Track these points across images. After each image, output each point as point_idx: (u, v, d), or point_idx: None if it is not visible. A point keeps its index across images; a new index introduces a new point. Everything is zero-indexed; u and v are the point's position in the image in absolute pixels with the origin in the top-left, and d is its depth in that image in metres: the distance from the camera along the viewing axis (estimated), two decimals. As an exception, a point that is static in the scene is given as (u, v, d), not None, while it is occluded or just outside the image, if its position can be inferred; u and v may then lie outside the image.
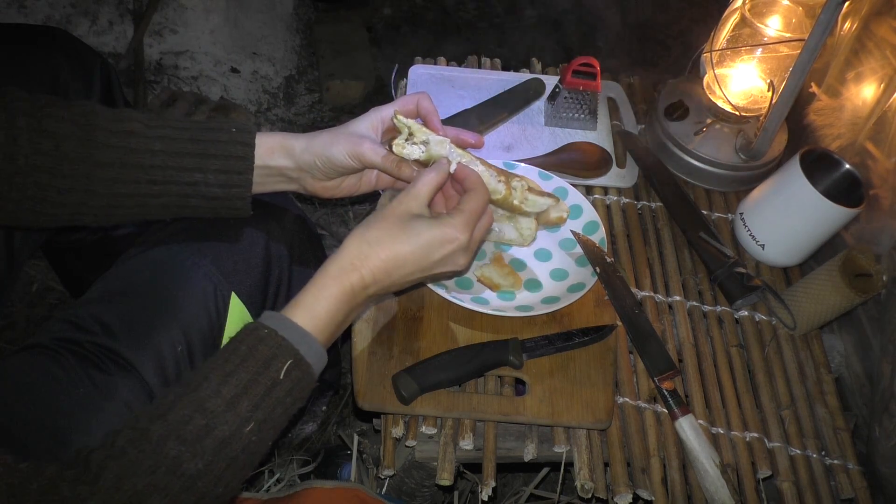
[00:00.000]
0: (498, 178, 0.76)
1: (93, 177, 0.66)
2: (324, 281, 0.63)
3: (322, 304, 0.62)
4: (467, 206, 0.68)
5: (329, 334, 0.63)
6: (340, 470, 1.05)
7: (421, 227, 0.65)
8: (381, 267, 0.64)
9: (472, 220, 0.67)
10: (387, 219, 0.65)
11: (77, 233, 0.94)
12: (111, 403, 0.64)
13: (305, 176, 0.73)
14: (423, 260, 0.65)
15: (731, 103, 1.00)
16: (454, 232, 0.66)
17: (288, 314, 0.61)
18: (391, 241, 0.64)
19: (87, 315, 0.68)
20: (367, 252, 0.63)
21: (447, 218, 0.66)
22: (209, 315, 0.71)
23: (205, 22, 1.72)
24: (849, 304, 0.87)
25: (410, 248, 0.64)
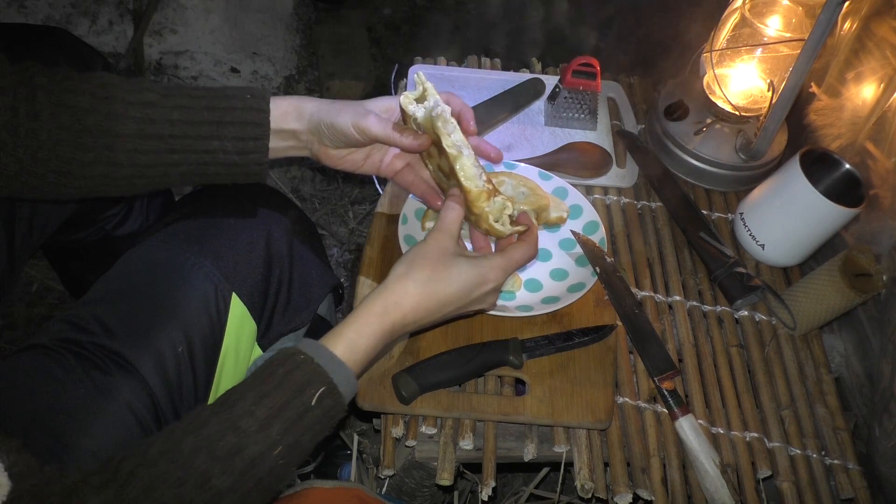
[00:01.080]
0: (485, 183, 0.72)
1: (114, 148, 0.67)
2: (368, 318, 0.64)
3: (363, 340, 0.63)
4: (514, 255, 0.71)
5: (364, 366, 0.65)
6: (340, 470, 1.06)
7: (462, 268, 0.68)
8: (425, 307, 0.66)
9: (511, 267, 0.71)
10: (428, 258, 0.67)
11: (77, 232, 0.94)
12: (112, 404, 0.64)
13: (313, 140, 0.73)
14: (462, 300, 0.68)
15: (731, 103, 1.00)
16: (493, 275, 0.69)
17: (328, 344, 0.62)
18: (435, 282, 0.66)
19: (88, 315, 0.67)
20: (413, 292, 0.65)
21: (487, 260, 0.69)
22: (210, 315, 0.71)
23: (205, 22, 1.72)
24: (849, 304, 0.87)
25: (454, 290, 0.67)
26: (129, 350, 0.66)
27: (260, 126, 0.70)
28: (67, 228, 0.90)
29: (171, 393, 0.67)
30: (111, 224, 0.95)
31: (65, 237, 0.93)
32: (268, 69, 1.75)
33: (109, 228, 0.96)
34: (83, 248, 0.97)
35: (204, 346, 0.70)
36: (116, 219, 0.95)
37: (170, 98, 0.69)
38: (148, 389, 0.65)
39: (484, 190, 0.72)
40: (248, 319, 0.75)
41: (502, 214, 0.73)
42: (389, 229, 0.91)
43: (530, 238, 0.74)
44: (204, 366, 0.71)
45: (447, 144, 0.70)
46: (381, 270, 0.87)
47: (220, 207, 0.78)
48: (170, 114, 0.68)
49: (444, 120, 0.69)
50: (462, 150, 0.70)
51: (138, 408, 0.64)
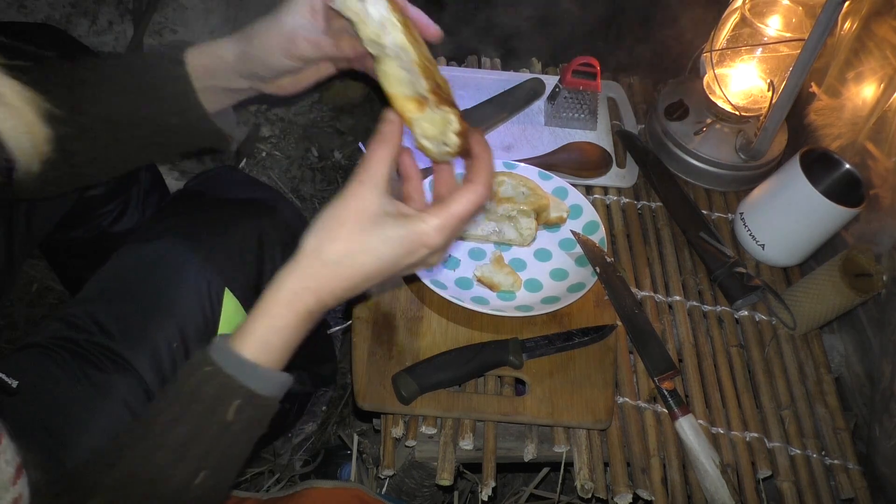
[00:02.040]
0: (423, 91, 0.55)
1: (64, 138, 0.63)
2: (276, 309, 0.54)
3: (276, 336, 0.54)
4: (455, 207, 0.54)
5: (287, 356, 0.56)
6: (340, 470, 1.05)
7: (388, 233, 0.53)
8: (343, 286, 0.54)
9: (455, 225, 0.55)
10: (344, 225, 0.53)
11: (74, 230, 0.94)
12: (109, 402, 0.64)
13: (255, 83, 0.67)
14: (390, 269, 0.55)
15: (731, 103, 1.00)
16: (429, 239, 0.54)
17: (238, 346, 0.53)
18: (352, 257, 0.53)
19: (83, 314, 0.68)
20: (324, 272, 0.53)
21: (421, 222, 0.53)
22: (203, 311, 0.71)
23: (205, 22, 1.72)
24: (849, 304, 0.87)
25: (375, 263, 0.54)
26: (124, 347, 0.66)
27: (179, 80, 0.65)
28: (64, 226, 0.90)
29: None
30: (108, 221, 0.95)
31: (62, 235, 0.93)
32: (268, 69, 1.75)
33: (106, 225, 0.96)
34: (80, 246, 0.97)
35: (198, 341, 0.70)
36: (112, 215, 0.96)
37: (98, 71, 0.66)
38: (144, 386, 0.65)
39: (413, 98, 0.55)
40: (242, 314, 0.75)
41: (445, 132, 0.56)
42: (389, 229, 0.91)
43: (477, 176, 0.55)
44: None
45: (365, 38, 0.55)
46: (381, 270, 0.87)
47: (211, 203, 0.78)
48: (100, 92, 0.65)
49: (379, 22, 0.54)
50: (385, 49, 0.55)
51: (135, 404, 0.65)
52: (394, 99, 0.55)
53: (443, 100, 0.56)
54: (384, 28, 0.54)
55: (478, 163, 0.56)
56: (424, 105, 0.55)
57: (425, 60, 0.57)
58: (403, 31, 0.55)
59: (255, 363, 0.53)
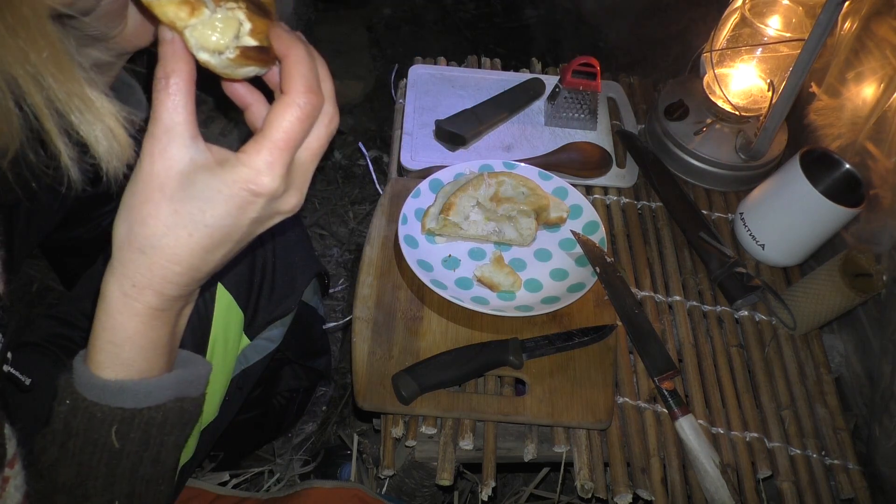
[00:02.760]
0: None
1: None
2: (112, 320, 0.46)
3: (126, 346, 0.46)
4: (275, 128, 0.43)
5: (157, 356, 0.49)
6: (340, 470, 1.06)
7: (203, 194, 0.43)
8: (179, 270, 0.45)
9: (285, 150, 0.43)
10: (149, 199, 0.43)
11: (74, 230, 0.94)
12: None
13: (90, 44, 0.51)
14: (230, 235, 0.45)
15: (731, 103, 1.00)
16: (261, 182, 0.43)
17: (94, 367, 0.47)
18: (173, 236, 0.44)
19: (76, 311, 0.68)
20: (147, 262, 0.45)
21: (241, 164, 0.43)
22: (196, 307, 0.71)
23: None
24: (849, 304, 0.87)
25: (206, 233, 0.44)
26: None
27: None
28: (64, 226, 0.90)
29: None
30: (107, 220, 0.96)
31: (62, 235, 0.93)
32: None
33: (105, 225, 0.96)
34: (80, 246, 0.97)
35: (192, 336, 0.70)
36: (112, 215, 0.96)
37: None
38: None
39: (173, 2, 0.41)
40: (235, 308, 0.75)
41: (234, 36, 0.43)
42: (389, 229, 0.91)
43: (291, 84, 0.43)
44: None
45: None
46: (381, 270, 0.87)
47: None
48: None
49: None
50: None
51: None
52: (152, 6, 0.41)
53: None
54: None
55: (287, 65, 0.43)
56: (199, 6, 0.41)
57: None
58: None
59: (116, 381, 0.46)
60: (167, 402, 0.48)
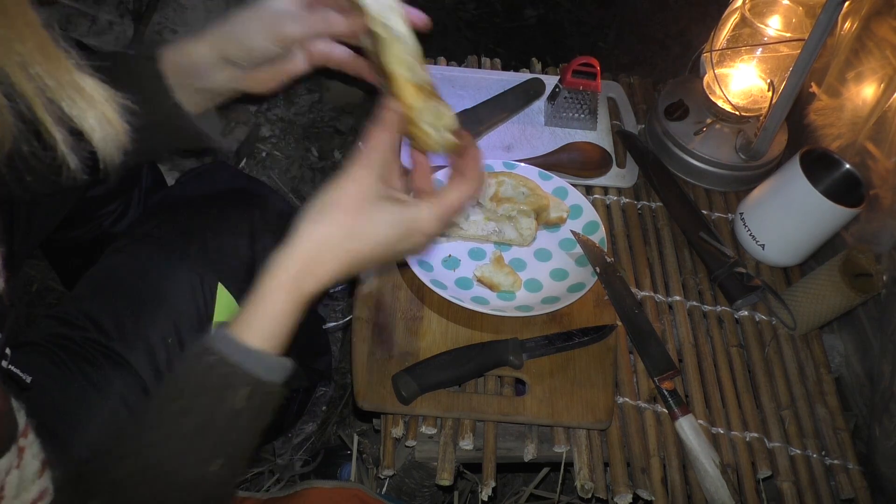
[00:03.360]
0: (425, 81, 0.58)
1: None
2: (275, 295, 0.53)
3: (277, 321, 0.53)
4: (450, 197, 0.58)
5: (287, 340, 0.56)
6: (340, 470, 1.05)
7: (386, 217, 0.54)
8: (339, 270, 0.55)
9: (449, 214, 0.58)
10: (342, 208, 0.54)
11: (75, 230, 0.94)
12: (106, 398, 0.64)
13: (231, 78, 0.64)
14: (385, 251, 0.56)
15: (731, 103, 1.00)
16: (425, 225, 0.56)
17: (240, 334, 0.53)
18: (350, 240, 0.54)
19: (77, 311, 0.68)
20: (322, 256, 0.53)
21: (418, 209, 0.56)
22: (197, 306, 0.71)
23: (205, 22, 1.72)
24: (849, 304, 0.87)
25: (373, 246, 0.55)
26: (119, 344, 0.66)
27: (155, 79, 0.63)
28: (65, 226, 0.90)
29: None
30: (108, 221, 0.95)
31: (62, 235, 0.93)
32: (268, 69, 1.75)
33: (107, 225, 0.96)
34: (81, 246, 0.97)
35: (193, 335, 0.70)
36: (114, 216, 0.96)
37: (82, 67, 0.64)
38: (141, 382, 0.65)
39: (415, 84, 0.56)
40: (236, 307, 0.75)
41: (440, 126, 0.59)
42: (389, 229, 0.91)
43: (469, 171, 0.59)
44: None
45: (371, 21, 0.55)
46: (381, 270, 0.87)
47: (202, 197, 0.79)
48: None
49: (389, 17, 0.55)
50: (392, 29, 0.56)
51: (132, 400, 0.65)
52: (397, 81, 0.56)
53: (436, 96, 0.59)
54: (390, 15, 0.56)
55: (469, 159, 0.60)
56: (424, 95, 0.57)
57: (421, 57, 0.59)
58: (405, 23, 0.57)
59: (259, 350, 0.52)
60: (281, 381, 0.54)
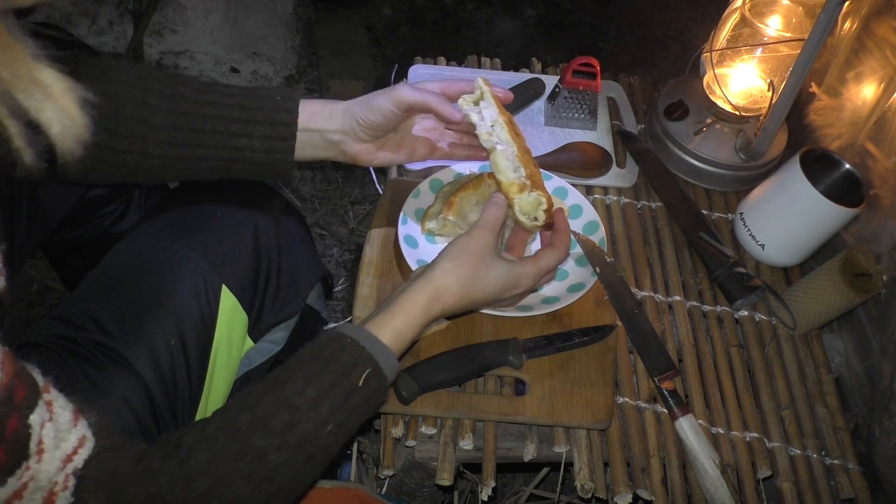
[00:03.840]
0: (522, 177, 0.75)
1: (148, 139, 0.68)
2: (415, 310, 0.67)
3: (409, 330, 0.66)
4: (546, 260, 0.75)
5: (403, 352, 0.68)
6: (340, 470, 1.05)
7: (500, 271, 0.71)
8: (461, 304, 0.70)
9: (543, 274, 0.75)
10: (473, 256, 0.70)
11: (75, 230, 0.94)
12: (108, 399, 0.63)
13: (346, 139, 0.75)
14: (493, 298, 0.73)
15: (731, 103, 1.00)
16: (525, 280, 0.73)
17: (375, 331, 0.64)
18: (475, 282, 0.70)
19: (79, 312, 0.67)
20: (455, 290, 0.69)
21: (522, 266, 0.73)
22: (200, 308, 0.71)
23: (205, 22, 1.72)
24: (849, 304, 0.87)
25: (489, 291, 0.71)
26: (122, 345, 0.66)
27: (288, 127, 0.72)
28: (66, 226, 0.90)
29: (165, 386, 0.67)
30: (109, 221, 0.95)
31: (63, 235, 0.93)
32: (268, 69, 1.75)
33: (107, 225, 0.96)
34: (81, 246, 0.97)
35: (196, 338, 0.70)
36: (114, 216, 0.96)
37: (203, 94, 0.70)
38: (143, 383, 0.65)
39: (516, 182, 0.75)
40: (239, 311, 0.75)
41: (537, 210, 0.75)
42: (389, 229, 0.91)
43: (559, 243, 0.77)
44: (197, 358, 0.71)
45: (483, 142, 0.75)
46: (381, 270, 0.87)
47: (207, 200, 0.79)
48: (202, 109, 0.70)
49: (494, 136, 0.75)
50: (496, 146, 0.75)
51: (134, 402, 0.64)
52: (502, 183, 0.75)
53: (536, 183, 0.76)
54: (494, 127, 0.75)
55: (560, 233, 0.78)
56: (524, 189, 0.74)
57: (523, 152, 0.76)
58: (508, 129, 0.75)
59: (385, 345, 0.64)
60: (391, 377, 0.64)
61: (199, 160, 0.71)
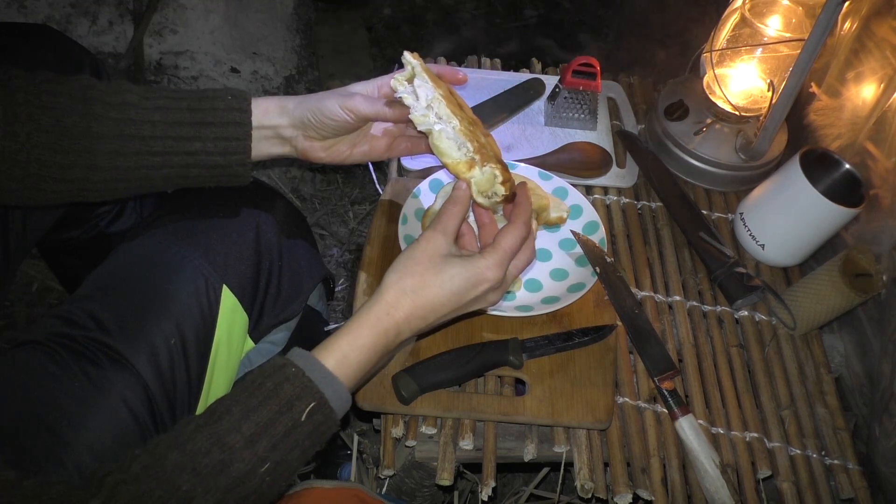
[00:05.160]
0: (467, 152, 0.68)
1: (94, 151, 0.67)
2: (360, 330, 0.63)
3: (356, 353, 0.62)
4: (503, 242, 0.67)
5: (359, 379, 0.63)
6: (340, 470, 1.05)
7: (454, 270, 0.65)
8: (417, 314, 0.65)
9: (506, 258, 0.67)
10: (420, 263, 0.65)
11: (71, 231, 0.94)
12: (106, 398, 0.63)
13: (298, 134, 0.73)
14: (456, 303, 0.66)
15: (731, 103, 1.00)
16: (487, 273, 0.66)
17: (319, 356, 0.60)
18: (426, 288, 0.64)
19: (80, 311, 0.67)
20: (404, 302, 0.64)
21: (480, 259, 0.66)
22: (201, 308, 0.71)
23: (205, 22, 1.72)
24: (849, 304, 0.87)
25: (445, 295, 0.65)
26: (122, 343, 0.66)
27: (241, 126, 0.70)
28: (61, 227, 0.90)
29: (164, 385, 0.67)
30: (105, 221, 0.95)
31: (59, 236, 0.93)
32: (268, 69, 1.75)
33: (104, 226, 0.96)
34: (78, 247, 0.97)
35: (196, 338, 0.70)
36: (110, 216, 0.96)
37: (150, 99, 0.69)
38: (142, 382, 0.65)
39: (462, 161, 0.68)
40: (240, 311, 0.75)
41: (493, 184, 0.69)
42: (389, 229, 0.91)
43: (517, 218, 0.69)
44: (197, 358, 0.71)
45: (417, 126, 0.68)
46: (381, 270, 0.87)
47: (209, 200, 0.79)
48: (150, 115, 0.68)
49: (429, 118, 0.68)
50: (433, 127, 0.68)
51: (133, 401, 0.64)
52: (448, 165, 0.68)
53: (487, 156, 0.69)
54: (431, 106, 0.68)
55: (517, 207, 0.70)
56: (474, 165, 0.68)
57: (468, 124, 0.69)
58: (446, 103, 0.68)
59: (332, 374, 0.59)
60: (340, 410, 0.60)
61: (152, 169, 0.69)
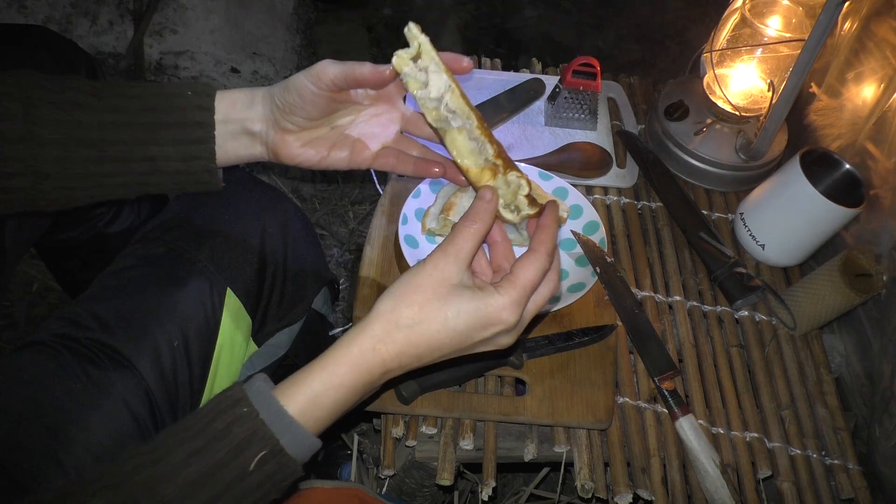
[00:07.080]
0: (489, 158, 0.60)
1: (39, 157, 0.60)
2: (338, 367, 0.52)
3: (330, 393, 0.52)
4: (522, 276, 0.54)
5: (331, 421, 0.53)
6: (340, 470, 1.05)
7: (462, 306, 0.53)
8: (410, 352, 0.53)
9: (524, 296, 0.54)
10: (422, 291, 0.53)
11: (69, 231, 0.94)
12: (107, 399, 0.63)
13: (268, 129, 0.65)
14: (459, 344, 0.54)
15: (731, 103, 1.00)
16: (502, 314, 0.53)
17: (284, 395, 0.51)
18: (425, 323, 0.53)
19: (84, 312, 0.67)
20: (396, 336, 0.53)
21: (495, 295, 0.53)
22: (205, 311, 0.71)
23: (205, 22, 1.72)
24: (849, 304, 0.87)
25: (447, 334, 0.53)
26: (124, 345, 0.66)
27: (203, 126, 0.62)
28: (59, 227, 0.90)
29: (166, 387, 0.67)
30: (103, 221, 0.95)
31: (57, 236, 0.93)
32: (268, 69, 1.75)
33: (101, 226, 0.96)
34: (76, 247, 0.97)
35: (199, 340, 0.70)
36: (108, 216, 0.95)
37: (102, 98, 0.62)
38: (144, 384, 0.65)
39: (486, 167, 0.58)
40: (244, 314, 0.75)
41: (517, 197, 0.59)
42: (389, 229, 0.91)
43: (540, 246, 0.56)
44: (199, 361, 0.71)
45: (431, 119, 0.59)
46: (382, 270, 0.87)
47: (214, 203, 0.79)
48: (100, 116, 0.61)
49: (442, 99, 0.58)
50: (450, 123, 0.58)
51: (134, 403, 0.64)
52: (469, 172, 0.59)
53: (507, 163, 0.60)
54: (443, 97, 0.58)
55: (542, 231, 0.57)
56: (497, 172, 0.59)
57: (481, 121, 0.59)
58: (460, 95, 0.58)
59: (292, 418, 0.50)
60: (301, 458, 0.51)
61: (105, 176, 0.62)
